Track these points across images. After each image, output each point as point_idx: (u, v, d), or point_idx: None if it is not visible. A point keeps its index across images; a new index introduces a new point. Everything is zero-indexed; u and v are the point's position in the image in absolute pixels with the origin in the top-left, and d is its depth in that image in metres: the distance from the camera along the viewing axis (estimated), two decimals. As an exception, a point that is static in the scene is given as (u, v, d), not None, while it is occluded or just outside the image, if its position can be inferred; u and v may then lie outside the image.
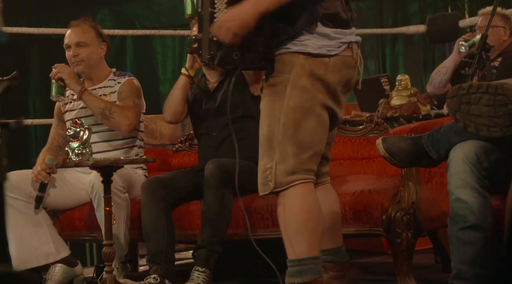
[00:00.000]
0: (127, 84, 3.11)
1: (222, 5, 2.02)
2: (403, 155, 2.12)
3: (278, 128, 1.97)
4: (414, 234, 2.48)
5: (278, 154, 1.96)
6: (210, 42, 2.00)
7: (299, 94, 1.96)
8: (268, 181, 1.97)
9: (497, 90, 1.81)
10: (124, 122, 2.97)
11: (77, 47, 3.08)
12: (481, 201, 1.94)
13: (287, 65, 1.98)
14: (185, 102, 3.04)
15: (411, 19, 5.78)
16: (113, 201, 2.72)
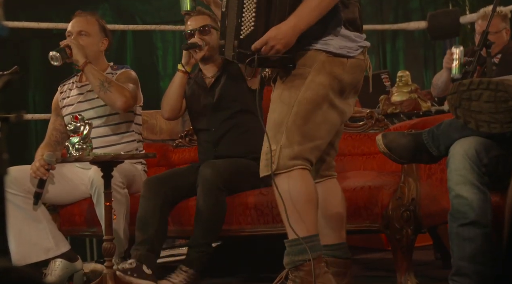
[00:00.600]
0: (123, 73, 3.12)
1: (250, 17, 2.06)
2: (403, 151, 2.11)
3: (289, 115, 2.06)
4: (414, 231, 2.48)
5: (284, 139, 2.05)
6: (235, 39, 2.06)
7: (316, 88, 2.07)
8: (270, 163, 2.04)
9: (497, 87, 1.81)
10: (121, 98, 2.96)
11: (78, 35, 3.08)
12: (481, 197, 1.94)
13: (309, 59, 2.08)
14: (182, 98, 3.04)
15: (412, 15, 5.77)
16: (112, 196, 2.72)
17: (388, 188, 2.53)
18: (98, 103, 3.08)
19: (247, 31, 2.07)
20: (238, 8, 2.07)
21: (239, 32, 2.07)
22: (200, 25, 3.01)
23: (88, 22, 3.12)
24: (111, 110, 3.06)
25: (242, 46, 2.06)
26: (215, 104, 3.00)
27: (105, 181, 2.60)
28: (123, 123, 3.11)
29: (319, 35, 2.08)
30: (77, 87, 3.18)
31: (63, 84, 3.26)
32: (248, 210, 2.78)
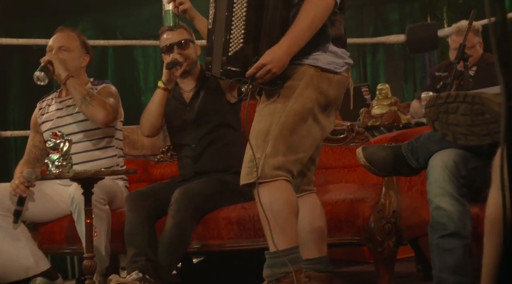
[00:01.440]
0: (104, 89, 3.11)
1: (239, 34, 2.07)
2: (383, 164, 2.13)
3: (276, 124, 2.08)
4: (395, 243, 2.49)
5: (270, 148, 2.06)
6: (223, 56, 2.08)
7: (303, 102, 2.10)
8: (253, 171, 2.04)
9: (474, 100, 1.83)
10: (102, 111, 2.95)
11: (58, 50, 3.07)
12: (460, 209, 1.96)
13: (298, 73, 2.12)
14: (162, 115, 3.01)
15: (392, 28, 5.83)
16: (93, 213, 2.70)
17: (369, 200, 2.55)
18: (79, 118, 3.07)
19: (235, 47, 2.08)
20: (226, 24, 2.08)
21: (228, 49, 2.08)
22: (179, 39, 3.00)
23: (69, 38, 3.11)
24: (92, 125, 3.05)
25: (230, 63, 2.08)
26: (194, 119, 2.99)
27: (86, 198, 2.58)
28: (104, 138, 3.10)
29: (308, 51, 2.12)
30: (56, 103, 3.17)
31: (42, 100, 3.25)
32: (231, 225, 2.77)
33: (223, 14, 2.09)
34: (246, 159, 2.09)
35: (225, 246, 2.80)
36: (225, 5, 2.09)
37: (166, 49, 3.02)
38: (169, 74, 2.95)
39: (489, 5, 1.20)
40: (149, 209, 2.80)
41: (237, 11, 2.07)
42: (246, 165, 2.08)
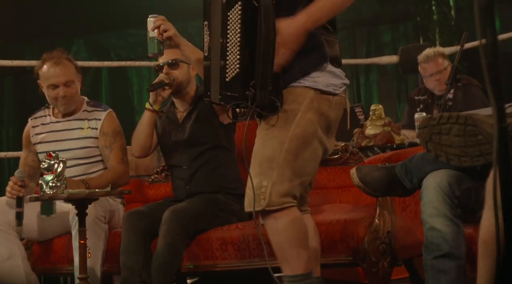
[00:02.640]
0: (109, 123, 3.09)
1: (235, 59, 2.08)
2: (377, 184, 2.14)
3: (280, 151, 2.07)
4: (390, 263, 2.49)
5: (276, 176, 2.05)
6: (221, 82, 2.08)
7: (305, 125, 2.09)
8: (260, 198, 2.04)
9: (466, 121, 1.85)
10: (125, 179, 3.04)
11: (65, 87, 3.04)
12: (454, 230, 1.96)
13: (299, 96, 2.10)
14: (151, 136, 3.00)
15: (384, 49, 5.87)
16: (93, 231, 2.70)
17: (364, 221, 2.55)
18: (73, 145, 3.05)
19: (232, 73, 2.09)
20: (221, 51, 2.08)
21: (225, 75, 2.09)
22: (169, 59, 2.99)
23: (68, 69, 3.05)
24: (91, 153, 3.06)
25: (228, 88, 2.08)
26: (186, 140, 2.98)
27: (79, 219, 2.57)
28: (96, 163, 3.09)
29: (307, 71, 2.11)
30: (52, 123, 3.14)
31: (34, 117, 3.19)
32: (225, 245, 2.77)
33: (218, 41, 2.10)
34: (250, 186, 2.07)
35: (219, 266, 2.79)
36: (219, 32, 2.10)
37: (157, 68, 3.02)
38: (154, 95, 2.92)
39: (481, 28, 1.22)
40: (145, 229, 2.79)
41: (232, 37, 2.08)
42: (252, 192, 2.06)
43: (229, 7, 2.08)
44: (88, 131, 3.07)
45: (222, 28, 2.09)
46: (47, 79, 3.04)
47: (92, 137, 3.07)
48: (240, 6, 2.05)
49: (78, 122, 3.10)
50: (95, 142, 3.07)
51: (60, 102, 3.05)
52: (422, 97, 4.08)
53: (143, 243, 2.76)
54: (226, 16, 2.08)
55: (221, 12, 2.10)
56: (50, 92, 3.05)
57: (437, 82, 3.99)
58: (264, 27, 2.03)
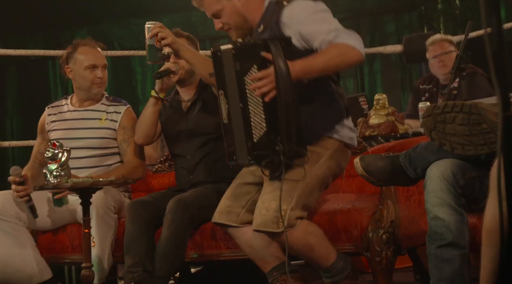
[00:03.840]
0: (129, 117, 3.11)
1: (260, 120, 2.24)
2: (381, 173, 2.14)
3: (302, 183, 2.30)
4: (393, 253, 2.50)
5: (294, 203, 2.30)
6: (248, 145, 2.24)
7: (325, 170, 2.35)
8: (279, 221, 2.27)
9: (471, 109, 1.84)
10: (139, 173, 3.05)
11: (103, 69, 3.09)
12: (458, 219, 1.96)
13: (327, 143, 2.35)
14: (156, 124, 3.00)
15: (388, 39, 5.85)
16: (102, 219, 2.72)
17: (367, 210, 2.55)
18: (88, 134, 3.06)
19: (260, 133, 2.23)
20: (244, 115, 2.22)
21: (251, 136, 2.23)
22: None
23: (102, 52, 3.12)
24: (105, 143, 3.06)
25: (258, 148, 2.23)
26: (190, 130, 2.97)
27: (84, 208, 2.58)
28: (110, 155, 3.09)
29: (333, 125, 2.33)
30: (70, 111, 3.14)
31: (51, 105, 3.20)
32: (228, 234, 2.77)
33: (238, 107, 2.24)
34: (270, 207, 2.28)
35: (223, 255, 2.80)
36: (238, 98, 2.23)
37: (164, 57, 3.00)
38: (160, 83, 2.92)
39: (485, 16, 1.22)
40: (149, 219, 2.79)
41: (252, 100, 2.22)
42: (271, 213, 2.27)
43: (244, 71, 2.21)
44: (106, 122, 3.08)
45: (240, 93, 2.23)
46: (86, 60, 3.06)
47: (111, 128, 3.08)
48: (257, 69, 2.19)
49: (96, 112, 3.11)
50: (113, 134, 3.08)
51: (97, 85, 3.06)
52: (427, 86, 4.07)
53: (146, 232, 2.76)
54: (242, 81, 2.21)
55: (236, 78, 2.23)
56: (87, 73, 3.06)
57: (440, 64, 3.97)
58: (283, 86, 2.15)
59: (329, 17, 2.28)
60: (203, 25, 6.20)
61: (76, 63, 3.08)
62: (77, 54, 3.09)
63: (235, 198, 2.50)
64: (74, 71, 3.09)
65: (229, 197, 2.51)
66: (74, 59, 3.09)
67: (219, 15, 2.44)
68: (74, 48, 3.11)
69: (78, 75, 3.08)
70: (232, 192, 2.52)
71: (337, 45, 2.20)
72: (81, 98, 3.13)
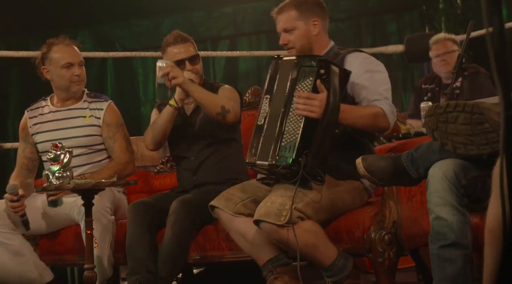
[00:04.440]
0: (111, 113, 3.07)
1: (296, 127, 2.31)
2: (383, 174, 2.13)
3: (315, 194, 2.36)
4: (396, 253, 2.49)
5: (302, 205, 2.33)
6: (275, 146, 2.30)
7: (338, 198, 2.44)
8: (281, 213, 2.29)
9: (473, 109, 1.84)
10: (130, 169, 3.03)
11: (79, 66, 3.04)
12: (460, 219, 1.96)
13: (349, 177, 2.45)
14: (168, 132, 2.95)
15: (390, 38, 5.84)
16: (99, 223, 2.71)
17: (369, 211, 2.54)
18: (75, 133, 3.04)
19: (290, 138, 2.30)
20: (281, 118, 2.31)
21: (281, 140, 2.29)
22: (190, 55, 2.94)
23: (79, 52, 3.08)
24: (93, 141, 3.04)
25: (283, 151, 2.29)
26: (195, 133, 2.96)
27: (86, 209, 2.58)
28: (99, 152, 3.08)
29: (354, 174, 2.35)
30: (52, 112, 3.11)
31: (30, 109, 3.16)
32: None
33: (279, 110, 2.32)
34: (275, 201, 2.31)
35: (225, 257, 2.80)
36: (283, 102, 2.31)
37: (177, 63, 2.92)
38: (181, 93, 2.85)
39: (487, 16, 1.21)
40: (151, 220, 2.79)
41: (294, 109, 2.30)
42: (275, 206, 2.30)
43: (298, 79, 2.31)
44: (91, 119, 3.06)
45: (287, 98, 2.31)
46: (61, 59, 3.02)
47: (95, 125, 3.06)
48: (312, 82, 2.27)
49: (79, 110, 3.08)
50: (99, 130, 3.06)
51: (75, 83, 3.03)
52: (430, 86, 4.07)
53: (149, 234, 2.76)
54: (293, 89, 2.31)
55: (289, 84, 2.33)
56: (64, 72, 3.02)
57: (442, 63, 3.98)
58: (332, 103, 2.24)
59: (383, 80, 2.45)
60: (204, 25, 6.20)
61: (51, 63, 3.04)
62: (52, 53, 3.04)
63: (240, 190, 2.53)
64: (51, 71, 3.05)
65: (235, 188, 2.55)
66: (50, 59, 3.04)
67: (290, 32, 2.53)
68: (48, 48, 3.05)
69: (55, 74, 3.04)
70: (241, 185, 2.56)
71: (374, 107, 2.37)
72: (62, 98, 3.10)
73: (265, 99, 2.38)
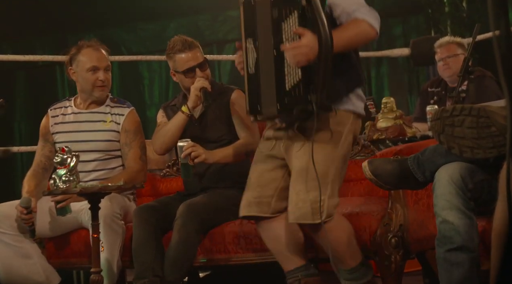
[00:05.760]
0: (132, 120, 3.08)
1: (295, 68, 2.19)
2: (389, 177, 2.13)
3: (332, 169, 2.31)
4: (402, 256, 2.49)
5: (330, 191, 2.29)
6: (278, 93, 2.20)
7: (346, 148, 2.36)
8: (320, 211, 2.25)
9: (479, 113, 1.83)
10: (141, 178, 3.00)
11: (105, 71, 3.05)
12: (467, 222, 1.95)
13: (343, 120, 2.33)
14: (178, 138, 2.94)
15: (395, 42, 5.84)
16: (110, 227, 2.72)
17: (376, 214, 2.54)
18: (95, 137, 3.05)
19: (293, 81, 2.19)
20: (276, 63, 2.18)
21: (283, 85, 2.19)
22: (199, 61, 2.94)
23: (107, 56, 3.08)
24: (110, 146, 3.05)
25: (289, 96, 2.19)
26: (203, 136, 2.96)
27: (92, 213, 2.58)
28: (114, 158, 3.09)
29: (349, 96, 2.32)
30: (74, 114, 3.12)
31: (53, 107, 3.17)
32: (237, 239, 2.77)
33: (271, 54, 2.20)
34: (306, 199, 2.26)
35: (231, 260, 2.80)
36: (272, 44, 2.19)
37: (187, 71, 2.93)
38: (195, 101, 2.86)
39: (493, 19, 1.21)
40: (156, 224, 2.79)
41: None
42: (310, 204, 2.26)
43: (282, 18, 2.18)
44: (111, 124, 3.07)
45: (275, 41, 2.19)
46: (87, 62, 3.03)
47: (115, 130, 3.07)
48: (297, 16, 2.16)
49: (101, 115, 3.09)
50: (117, 136, 3.07)
51: (99, 87, 3.04)
52: (436, 89, 4.07)
53: (154, 237, 2.76)
54: (279, 28, 2.17)
55: (272, 24, 2.19)
56: (89, 76, 3.03)
57: (445, 67, 3.98)
58: (324, 35, 2.13)
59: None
60: (209, 29, 6.21)
61: (78, 65, 3.05)
62: (80, 55, 3.05)
63: (262, 188, 2.41)
64: (77, 73, 3.06)
65: (256, 188, 2.41)
66: (77, 61, 3.06)
67: None
68: (78, 50, 3.07)
69: (81, 77, 3.06)
70: (257, 182, 2.41)
71: (357, 22, 2.24)
72: (85, 100, 3.11)
73: (247, 43, 2.26)
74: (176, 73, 3.00)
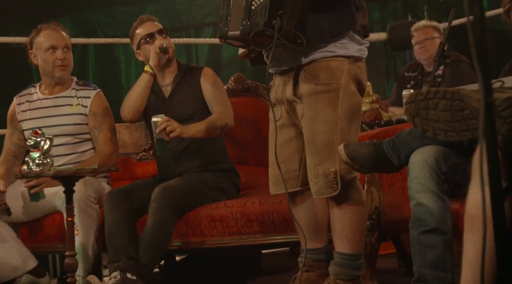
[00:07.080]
0: (99, 103, 3.06)
1: None
2: (365, 160, 2.14)
3: (337, 133, 2.18)
4: (377, 239, 2.51)
5: (339, 159, 2.13)
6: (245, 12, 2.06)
7: (349, 99, 2.20)
8: (333, 184, 2.17)
9: (453, 96, 1.85)
10: (113, 160, 2.99)
11: (64, 50, 3.02)
12: (441, 205, 1.97)
13: (337, 72, 2.18)
14: (146, 100, 2.97)
15: (373, 26, 5.84)
16: (84, 212, 2.71)
17: (351, 197, 2.55)
18: (61, 121, 3.03)
19: (260, 1, 2.06)
20: None
21: (251, 4, 2.06)
22: (158, 28, 2.98)
23: (66, 36, 3.06)
24: (79, 130, 3.02)
25: (254, 16, 2.06)
26: (175, 116, 2.93)
27: (67, 197, 2.56)
28: (84, 141, 3.07)
29: (337, 38, 2.16)
30: (40, 100, 3.10)
31: (19, 95, 3.15)
32: (213, 222, 2.78)
33: None
34: (320, 173, 2.16)
35: (207, 243, 2.80)
36: None
37: (147, 37, 2.96)
38: (157, 59, 2.90)
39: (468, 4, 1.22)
40: (128, 208, 2.79)
41: None
42: (323, 179, 2.17)
43: None
44: (78, 108, 3.05)
45: None
46: (46, 42, 3.01)
47: (82, 113, 3.05)
48: None
49: (67, 99, 3.07)
50: (85, 119, 3.05)
51: (58, 67, 3.01)
52: (412, 74, 4.09)
53: (127, 221, 2.76)
54: None
55: None
56: (48, 56, 3.01)
57: (422, 49, 4.00)
58: None
59: None
60: (187, 12, 6.16)
61: (37, 47, 3.04)
62: (38, 37, 3.05)
63: (285, 164, 2.30)
64: (37, 56, 3.05)
65: (280, 164, 2.27)
66: (36, 43, 3.04)
67: None
68: (37, 33, 3.06)
69: (41, 59, 3.04)
70: (280, 158, 2.26)
71: None
72: (50, 85, 3.08)
73: None
74: (138, 48, 3.00)
